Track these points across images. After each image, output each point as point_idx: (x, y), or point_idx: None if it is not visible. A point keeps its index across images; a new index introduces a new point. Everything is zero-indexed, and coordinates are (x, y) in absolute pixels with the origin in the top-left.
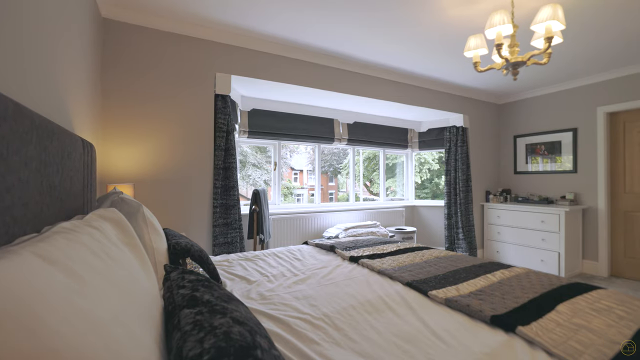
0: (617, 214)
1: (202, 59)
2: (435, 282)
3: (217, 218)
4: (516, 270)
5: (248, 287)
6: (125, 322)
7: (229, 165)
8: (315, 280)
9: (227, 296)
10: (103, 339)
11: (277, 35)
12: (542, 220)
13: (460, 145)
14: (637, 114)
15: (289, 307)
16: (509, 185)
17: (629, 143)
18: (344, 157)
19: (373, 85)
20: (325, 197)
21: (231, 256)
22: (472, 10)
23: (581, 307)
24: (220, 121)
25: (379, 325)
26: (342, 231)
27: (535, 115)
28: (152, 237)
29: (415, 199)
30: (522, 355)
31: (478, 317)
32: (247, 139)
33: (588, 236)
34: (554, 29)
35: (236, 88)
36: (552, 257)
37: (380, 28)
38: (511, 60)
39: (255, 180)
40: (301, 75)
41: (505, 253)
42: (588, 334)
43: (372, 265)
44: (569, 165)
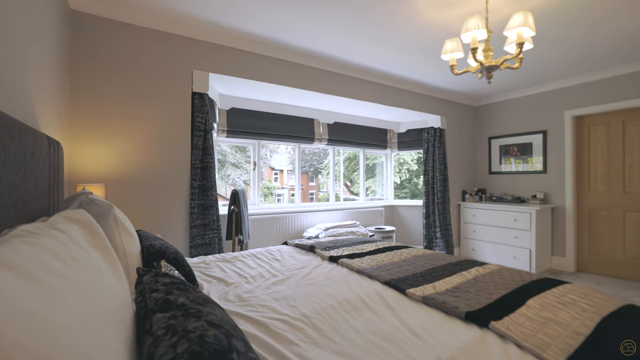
0: (582, 212)
1: (179, 56)
2: (413, 280)
3: (194, 219)
4: (490, 267)
5: (226, 289)
6: (92, 329)
7: (206, 165)
8: (295, 281)
9: (202, 299)
10: (67, 346)
11: (258, 34)
12: (514, 219)
13: (437, 146)
14: (600, 118)
15: (267, 308)
16: (484, 185)
17: (593, 145)
18: (324, 157)
19: (353, 85)
20: (306, 197)
21: (209, 258)
22: (449, 15)
23: (549, 301)
24: (198, 120)
25: (358, 325)
26: (322, 231)
27: (508, 118)
28: (124, 239)
29: (394, 198)
30: (495, 349)
31: (453, 314)
32: (225, 138)
33: (557, 233)
34: (525, 35)
35: (214, 86)
36: (524, 254)
37: (360, 28)
38: (485, 64)
39: (235, 180)
40: (281, 75)
41: (481, 251)
42: (555, 326)
43: (351, 264)
44: (539, 166)
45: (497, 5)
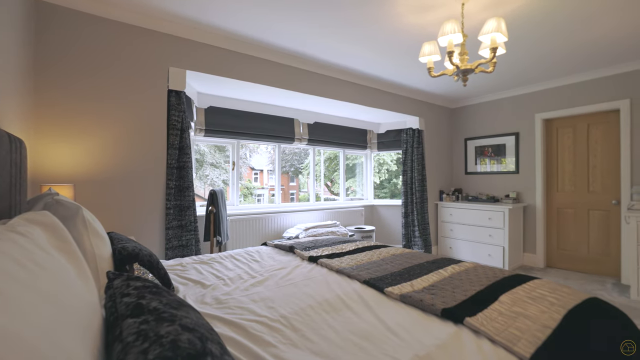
0: (551, 211)
1: (154, 52)
2: (391, 279)
3: (170, 220)
4: (465, 265)
5: (203, 291)
6: (55, 337)
7: (183, 165)
8: (274, 282)
9: (177, 302)
10: (25, 357)
11: (238, 32)
12: (489, 218)
13: (416, 147)
14: (567, 121)
15: (245, 310)
16: (460, 185)
17: (560, 147)
18: (305, 157)
19: (334, 86)
20: (287, 197)
21: (185, 260)
22: (426, 18)
23: (520, 297)
24: (174, 118)
25: (337, 324)
26: (303, 231)
27: (483, 120)
28: (94, 242)
29: (374, 198)
30: (469, 344)
31: (430, 311)
32: (203, 137)
33: (528, 231)
34: (498, 41)
35: (192, 84)
36: (498, 252)
37: (341, 29)
38: (461, 67)
39: (214, 181)
40: (261, 74)
41: (458, 249)
42: (525, 320)
43: (330, 264)
44: (512, 167)
45: (472, 11)
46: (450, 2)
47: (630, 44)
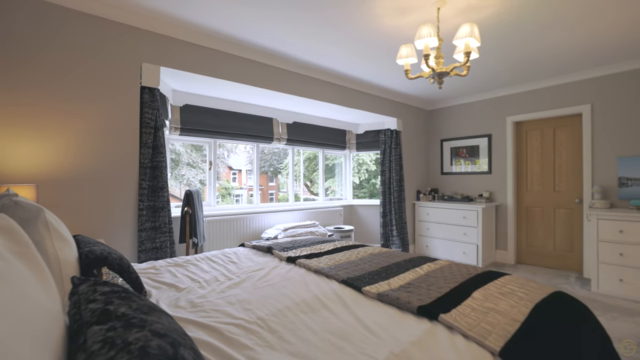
0: (521, 210)
1: (126, 47)
2: (369, 278)
3: (143, 221)
4: (441, 262)
5: (177, 295)
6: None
7: (157, 164)
8: (251, 283)
9: (148, 307)
10: None
11: (217, 30)
12: (463, 217)
13: (394, 148)
14: (535, 124)
15: (221, 313)
16: (436, 185)
17: (529, 148)
18: (284, 157)
19: (313, 86)
20: (266, 198)
21: (159, 262)
22: (403, 21)
23: (491, 292)
24: (148, 116)
25: (314, 324)
26: (281, 232)
27: (458, 122)
28: (57, 246)
29: (353, 198)
30: (443, 340)
31: (406, 309)
32: (179, 136)
33: (500, 229)
34: (471, 45)
35: (166, 81)
36: (472, 249)
37: (320, 29)
38: (437, 70)
39: (190, 181)
40: (240, 73)
41: (434, 247)
42: (496, 315)
43: (309, 265)
44: (485, 167)
45: (447, 16)
46: (426, 6)
47: (590, 52)
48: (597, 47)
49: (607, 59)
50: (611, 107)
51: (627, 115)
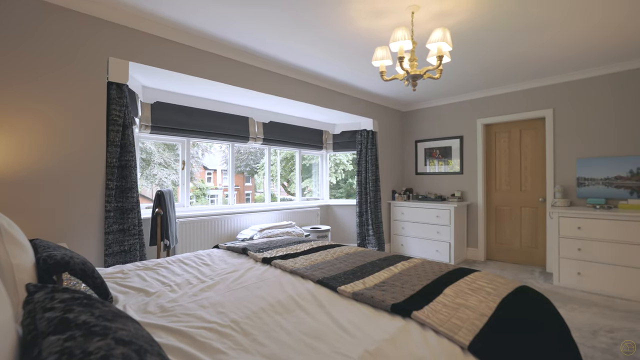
0: (490, 208)
1: (92, 40)
2: (344, 277)
3: (110, 224)
4: (414, 261)
5: (146, 299)
6: None
7: (126, 164)
8: (225, 286)
9: (112, 314)
10: None
11: (193, 27)
12: (437, 216)
13: (370, 148)
14: (504, 126)
15: (193, 317)
16: (411, 185)
17: (498, 150)
18: (261, 157)
19: (290, 85)
20: (242, 198)
21: (127, 266)
22: (379, 24)
23: (462, 289)
24: (115, 113)
25: (289, 325)
26: (257, 232)
27: (432, 123)
28: (10, 251)
29: (330, 198)
30: (416, 336)
31: (380, 307)
32: (149, 134)
33: (471, 227)
34: (443, 49)
35: (136, 77)
36: (445, 247)
37: (298, 28)
38: (411, 72)
39: (162, 181)
40: (215, 70)
41: (409, 246)
42: (466, 310)
43: (284, 265)
44: (457, 168)
45: (421, 20)
46: (400, 10)
47: (554, 60)
48: (561, 55)
49: (568, 67)
50: (571, 111)
51: (585, 120)
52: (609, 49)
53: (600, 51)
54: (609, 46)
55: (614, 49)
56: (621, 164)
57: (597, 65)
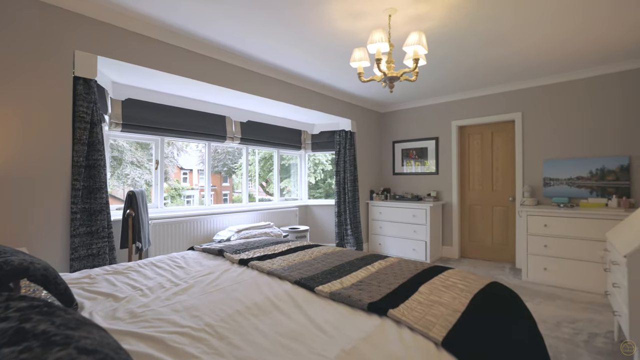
0: (464, 207)
1: (56, 31)
2: (322, 277)
3: (77, 226)
4: (391, 260)
5: (115, 305)
6: None
7: (94, 163)
8: (200, 288)
9: (76, 321)
10: None
11: (165, 21)
12: (413, 215)
13: (348, 148)
14: (477, 128)
15: (165, 321)
16: (389, 185)
17: (471, 151)
18: (239, 157)
19: (269, 85)
20: (219, 199)
21: (95, 271)
22: (357, 25)
23: (436, 286)
24: (82, 110)
25: (266, 327)
26: (235, 233)
27: (409, 124)
28: None
29: (309, 198)
30: (391, 334)
31: (357, 306)
32: (120, 132)
33: (446, 226)
34: (419, 52)
35: (105, 72)
36: (421, 246)
37: (277, 28)
38: (388, 74)
39: (135, 181)
40: (192, 68)
41: (386, 245)
42: (440, 307)
43: (261, 266)
44: (433, 168)
45: (398, 23)
46: (378, 12)
47: (523, 65)
48: (528, 62)
49: (536, 72)
50: (538, 115)
51: (551, 123)
52: (570, 57)
53: (562, 60)
54: (569, 55)
55: (574, 58)
56: (582, 165)
57: (559, 72)
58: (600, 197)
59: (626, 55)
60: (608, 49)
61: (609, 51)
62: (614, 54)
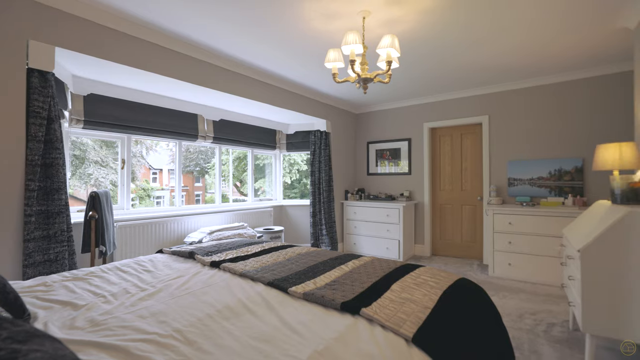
0: (435, 207)
1: (6, 18)
2: (295, 278)
3: (31, 230)
4: (364, 259)
5: (73, 313)
6: None
7: (52, 162)
8: (168, 293)
9: (25, 334)
10: None
11: (132, 14)
12: (387, 214)
13: (323, 149)
14: (447, 130)
15: (130, 329)
16: (363, 185)
17: (442, 152)
18: (212, 156)
19: (243, 83)
20: (191, 199)
21: (52, 277)
22: (332, 26)
23: (408, 284)
24: (37, 104)
25: (237, 331)
26: (207, 235)
27: (383, 126)
28: None
29: (284, 198)
30: (364, 333)
31: (331, 306)
32: (82, 130)
33: (418, 225)
34: (392, 55)
35: (64, 64)
36: (394, 245)
37: (251, 27)
38: (362, 76)
39: (99, 181)
40: (161, 63)
41: (361, 244)
42: (411, 304)
43: (234, 268)
44: (406, 168)
45: (371, 25)
46: (352, 14)
47: (490, 71)
48: (494, 68)
49: (503, 78)
50: (504, 118)
51: (515, 126)
52: (537, 65)
53: (530, 66)
54: (537, 62)
55: (539, 65)
56: (542, 166)
57: (523, 78)
58: (558, 196)
59: (581, 65)
60: (568, 59)
61: (568, 61)
62: (572, 64)
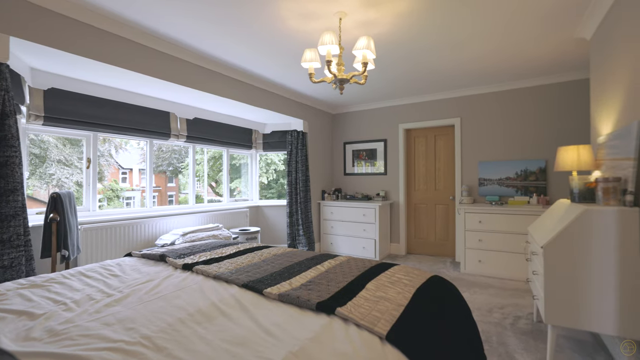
0: (410, 206)
1: None
2: (271, 279)
3: None
4: (340, 258)
5: (30, 324)
6: None
7: (6, 161)
8: (137, 298)
9: None
10: None
11: (98, 5)
12: (363, 214)
13: (300, 149)
14: (422, 132)
15: (94, 337)
16: (340, 185)
17: (417, 153)
18: (186, 156)
19: (218, 81)
20: (164, 200)
21: (6, 285)
22: (309, 26)
23: (382, 282)
24: None
25: (210, 335)
26: (180, 237)
27: (359, 126)
28: None
29: (260, 199)
30: (339, 332)
31: (306, 306)
32: (42, 126)
33: (394, 224)
34: (368, 57)
35: (20, 56)
36: (371, 244)
37: (228, 27)
38: (338, 76)
39: (62, 181)
40: (131, 58)
41: (338, 244)
42: (385, 302)
43: (207, 271)
44: (382, 169)
45: (348, 27)
46: (329, 15)
47: (462, 74)
48: (466, 72)
49: (471, 82)
50: (475, 120)
51: (485, 128)
52: (503, 70)
53: (495, 71)
54: (503, 68)
55: (506, 71)
56: (510, 167)
57: (492, 83)
58: (524, 196)
59: (546, 72)
60: (535, 66)
61: (535, 68)
62: (538, 71)
